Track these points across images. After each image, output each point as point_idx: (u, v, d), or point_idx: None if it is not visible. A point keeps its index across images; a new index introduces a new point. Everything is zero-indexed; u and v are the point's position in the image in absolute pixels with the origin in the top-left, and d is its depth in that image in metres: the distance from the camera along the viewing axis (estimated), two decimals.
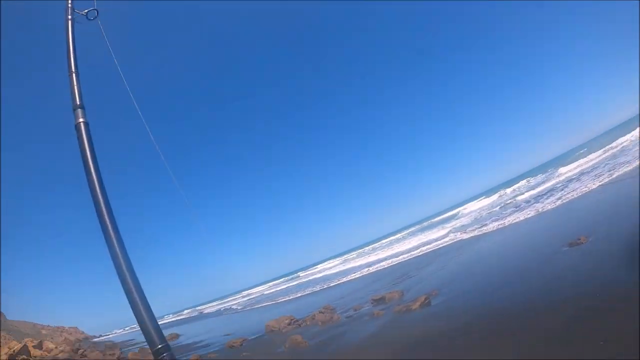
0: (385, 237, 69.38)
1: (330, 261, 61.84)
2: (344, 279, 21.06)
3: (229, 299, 55.17)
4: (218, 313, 32.76)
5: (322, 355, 6.66)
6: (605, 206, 9.89)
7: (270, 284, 57.11)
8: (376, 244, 56.84)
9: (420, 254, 18.18)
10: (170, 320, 45.31)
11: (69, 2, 2.78)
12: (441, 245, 18.01)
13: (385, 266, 19.35)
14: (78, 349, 13.74)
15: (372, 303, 9.76)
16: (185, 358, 9.99)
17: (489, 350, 4.49)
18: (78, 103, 2.22)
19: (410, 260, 17.46)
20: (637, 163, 12.28)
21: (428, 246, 19.91)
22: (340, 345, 6.97)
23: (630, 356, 2.91)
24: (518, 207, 18.78)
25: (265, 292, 40.72)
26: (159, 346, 1.23)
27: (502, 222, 16.27)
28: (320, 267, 56.23)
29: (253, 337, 10.59)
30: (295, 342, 7.63)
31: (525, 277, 6.85)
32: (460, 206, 55.12)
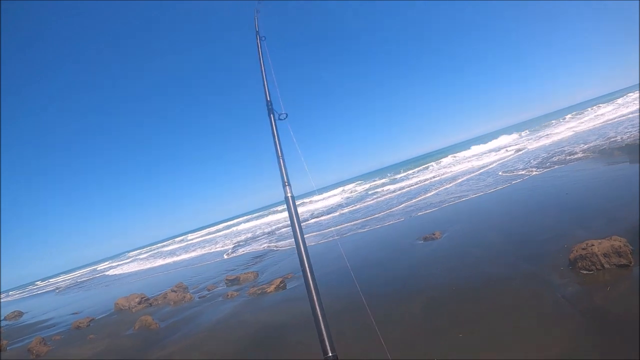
0: (215, 224, 73.70)
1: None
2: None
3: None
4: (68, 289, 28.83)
5: (173, 338, 6.50)
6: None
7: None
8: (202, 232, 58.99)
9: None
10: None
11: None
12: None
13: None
14: None
15: (226, 283, 9.86)
16: (27, 341, 8.85)
17: (346, 334, 4.56)
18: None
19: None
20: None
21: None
22: (192, 328, 6.90)
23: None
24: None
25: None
26: None
27: None
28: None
29: (101, 316, 9.93)
30: (146, 324, 7.44)
31: (385, 266, 7.25)
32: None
